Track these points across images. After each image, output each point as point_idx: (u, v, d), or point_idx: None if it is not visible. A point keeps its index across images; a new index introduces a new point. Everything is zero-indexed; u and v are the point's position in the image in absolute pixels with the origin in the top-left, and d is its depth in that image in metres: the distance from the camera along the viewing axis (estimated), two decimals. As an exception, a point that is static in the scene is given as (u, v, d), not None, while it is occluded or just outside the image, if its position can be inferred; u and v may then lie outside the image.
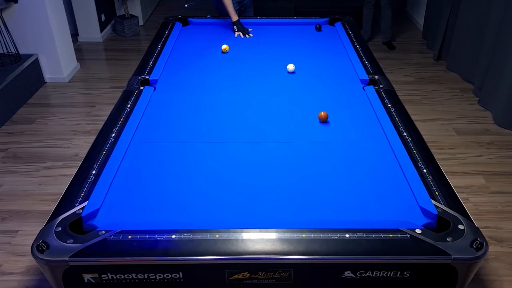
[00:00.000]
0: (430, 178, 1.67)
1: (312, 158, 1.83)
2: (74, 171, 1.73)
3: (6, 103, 3.63)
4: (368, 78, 2.43)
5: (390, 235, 1.39)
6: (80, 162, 1.77)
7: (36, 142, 3.36)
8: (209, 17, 3.42)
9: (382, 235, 1.39)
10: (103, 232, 1.41)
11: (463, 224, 1.43)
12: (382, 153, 1.86)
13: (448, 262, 1.34)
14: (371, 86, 2.34)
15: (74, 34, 5.21)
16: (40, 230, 1.43)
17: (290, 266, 1.38)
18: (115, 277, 1.38)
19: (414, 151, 1.82)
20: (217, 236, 1.40)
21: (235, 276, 1.39)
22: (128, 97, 2.25)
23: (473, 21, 4.05)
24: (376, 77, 2.43)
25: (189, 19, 3.35)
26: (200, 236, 1.39)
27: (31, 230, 2.53)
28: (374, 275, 1.39)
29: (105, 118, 2.10)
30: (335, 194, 1.63)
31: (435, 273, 1.38)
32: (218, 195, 1.63)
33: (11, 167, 3.07)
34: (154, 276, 1.38)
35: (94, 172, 1.70)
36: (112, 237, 1.39)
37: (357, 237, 1.39)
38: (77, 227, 1.45)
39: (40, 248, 1.35)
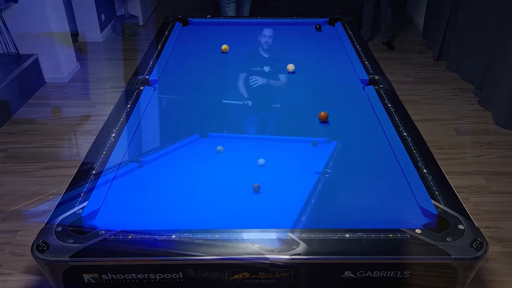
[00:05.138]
0: (430, 178, 1.66)
1: (312, 158, 1.82)
2: (74, 171, 1.73)
3: (6, 103, 3.63)
4: (368, 78, 2.43)
5: (390, 235, 1.39)
6: (80, 162, 1.77)
7: (36, 142, 3.35)
8: (209, 17, 3.42)
9: (382, 235, 1.39)
10: (103, 232, 1.41)
11: (463, 224, 1.43)
12: (382, 153, 1.86)
13: (448, 262, 1.34)
14: (371, 86, 2.34)
15: (74, 34, 5.21)
16: (40, 230, 1.43)
17: (290, 266, 1.38)
18: (115, 277, 1.38)
19: (414, 151, 1.82)
20: (217, 236, 1.40)
21: (235, 276, 1.39)
22: (128, 97, 2.25)
23: (473, 21, 4.04)
24: (376, 77, 2.43)
25: (189, 19, 3.35)
26: (200, 236, 1.39)
27: (31, 230, 2.52)
28: (374, 275, 1.38)
29: (105, 118, 2.10)
30: (335, 194, 1.63)
31: (435, 273, 1.38)
32: (218, 195, 1.63)
33: (11, 167, 3.07)
34: (154, 276, 1.38)
35: (94, 172, 1.70)
36: (112, 237, 1.39)
37: (357, 237, 1.39)
38: (77, 227, 1.45)
39: (40, 248, 1.34)
